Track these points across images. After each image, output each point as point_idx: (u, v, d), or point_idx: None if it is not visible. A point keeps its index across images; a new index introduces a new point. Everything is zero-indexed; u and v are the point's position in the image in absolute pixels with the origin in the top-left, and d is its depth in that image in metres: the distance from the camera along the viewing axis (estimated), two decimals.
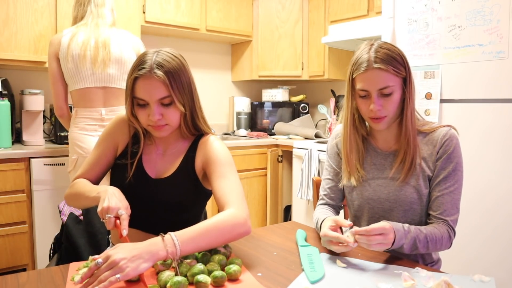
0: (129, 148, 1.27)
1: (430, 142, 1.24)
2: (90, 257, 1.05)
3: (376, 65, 1.15)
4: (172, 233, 0.95)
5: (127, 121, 1.27)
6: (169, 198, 1.23)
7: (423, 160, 1.24)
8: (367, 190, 1.30)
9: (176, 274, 0.92)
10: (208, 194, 1.30)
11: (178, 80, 1.15)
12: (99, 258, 0.87)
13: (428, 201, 1.25)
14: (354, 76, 1.21)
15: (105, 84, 2.04)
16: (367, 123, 1.33)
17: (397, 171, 1.25)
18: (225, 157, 1.20)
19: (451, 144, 1.22)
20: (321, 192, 1.43)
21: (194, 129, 1.26)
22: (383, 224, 1.07)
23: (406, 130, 1.22)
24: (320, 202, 1.42)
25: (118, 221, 1.03)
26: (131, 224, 1.09)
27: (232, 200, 1.09)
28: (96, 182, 1.30)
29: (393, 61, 1.17)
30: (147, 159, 1.27)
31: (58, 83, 2.09)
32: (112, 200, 1.05)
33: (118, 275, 0.84)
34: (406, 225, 1.12)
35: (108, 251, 0.89)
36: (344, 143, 1.31)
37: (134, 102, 1.17)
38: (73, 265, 1.03)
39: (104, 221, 1.04)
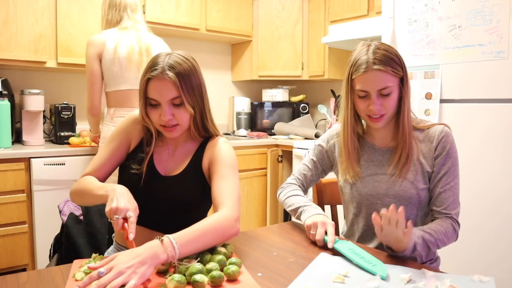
0: (145, 142, 1.28)
1: (427, 139, 1.29)
2: (94, 255, 1.05)
3: (375, 67, 1.19)
4: (169, 236, 0.96)
5: (140, 120, 1.29)
6: (177, 196, 1.24)
7: (422, 156, 1.28)
8: (365, 186, 1.32)
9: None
10: None
11: (188, 82, 1.17)
12: (101, 268, 0.86)
13: (429, 197, 1.29)
14: (353, 77, 1.24)
15: None
16: (363, 121, 1.35)
17: (395, 167, 1.28)
18: (229, 159, 1.23)
19: (448, 140, 1.27)
20: (296, 174, 1.49)
21: (203, 131, 1.28)
22: None
23: (403, 128, 1.26)
24: (291, 181, 1.49)
25: (126, 224, 1.02)
26: (139, 221, 1.08)
27: (226, 202, 1.13)
28: (105, 179, 1.30)
29: (391, 61, 1.20)
30: (157, 158, 1.29)
31: (97, 84, 2.17)
32: (121, 200, 1.04)
33: (133, 281, 0.84)
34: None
35: (110, 260, 0.89)
36: (345, 142, 1.33)
37: (147, 102, 1.20)
38: (76, 262, 1.03)
39: (112, 221, 1.03)
